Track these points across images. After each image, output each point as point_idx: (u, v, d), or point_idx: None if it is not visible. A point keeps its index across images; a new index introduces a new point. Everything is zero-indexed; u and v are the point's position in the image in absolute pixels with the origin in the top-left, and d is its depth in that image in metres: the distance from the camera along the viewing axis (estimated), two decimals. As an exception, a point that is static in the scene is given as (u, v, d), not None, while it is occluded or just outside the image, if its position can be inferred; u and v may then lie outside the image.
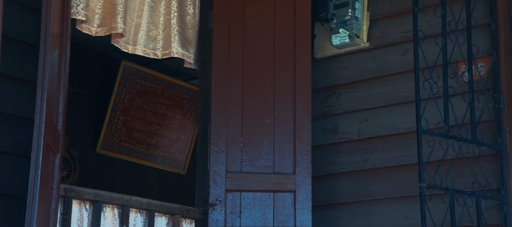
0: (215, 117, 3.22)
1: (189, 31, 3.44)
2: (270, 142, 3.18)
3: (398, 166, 3.07)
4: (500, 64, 2.86)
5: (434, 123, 2.65)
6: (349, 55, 3.34)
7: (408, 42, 3.10)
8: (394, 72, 3.18)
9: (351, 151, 3.24)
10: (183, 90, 5.32)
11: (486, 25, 2.90)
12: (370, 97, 3.23)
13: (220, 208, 3.13)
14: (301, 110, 3.18)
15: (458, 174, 2.70)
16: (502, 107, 2.84)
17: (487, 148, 2.77)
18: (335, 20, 3.27)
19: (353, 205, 3.20)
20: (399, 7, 3.20)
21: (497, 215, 2.76)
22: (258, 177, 3.15)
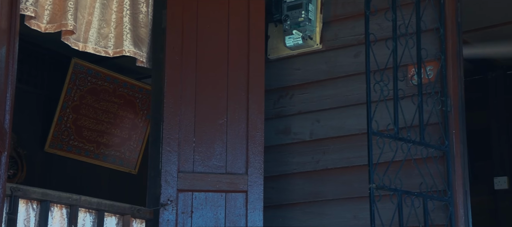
0: (167, 116, 3.19)
1: (142, 29, 3.40)
2: (223, 142, 3.18)
3: (349, 167, 3.11)
4: (448, 68, 2.94)
5: (384, 124, 2.70)
6: (302, 57, 3.36)
7: (360, 45, 3.15)
8: (346, 74, 3.22)
9: (303, 152, 3.26)
10: (135, 89, 5.26)
11: (435, 30, 2.97)
12: (322, 98, 3.27)
13: (172, 208, 3.11)
14: (254, 111, 3.19)
15: (407, 175, 2.75)
16: (449, 110, 2.91)
17: (435, 150, 2.84)
18: (289, 22, 3.29)
19: (304, 205, 3.22)
20: (351, 10, 3.25)
21: (443, 215, 2.83)
22: (210, 177, 3.15)
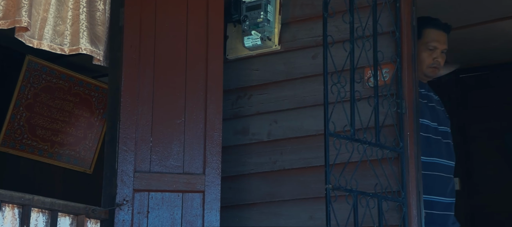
0: (124, 115, 3.16)
1: (99, 27, 3.36)
2: (181, 142, 3.16)
3: (306, 167, 3.14)
4: (403, 71, 2.99)
5: (341, 126, 2.73)
6: (260, 57, 3.38)
7: (317, 46, 3.18)
8: (304, 76, 3.24)
9: (261, 152, 3.27)
10: (91, 88, 5.20)
11: (391, 33, 3.02)
12: (280, 99, 3.28)
13: (127, 208, 3.08)
14: (212, 111, 3.19)
15: (362, 176, 2.79)
16: (404, 112, 2.96)
17: (390, 151, 2.88)
18: (248, 22, 3.30)
19: (261, 205, 3.23)
20: (310, 12, 3.28)
21: (397, 216, 2.87)
22: (167, 177, 3.13)
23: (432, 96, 3.20)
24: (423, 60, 3.13)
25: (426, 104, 3.12)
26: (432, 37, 3.12)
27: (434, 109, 3.17)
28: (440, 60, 3.14)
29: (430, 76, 3.20)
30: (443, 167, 3.08)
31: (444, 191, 3.08)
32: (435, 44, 3.12)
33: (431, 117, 3.11)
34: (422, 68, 3.13)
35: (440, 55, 3.15)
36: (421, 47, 3.14)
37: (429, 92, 3.20)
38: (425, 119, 3.07)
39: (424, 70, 3.14)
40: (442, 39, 3.14)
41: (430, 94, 3.19)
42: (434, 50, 3.12)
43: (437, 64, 3.14)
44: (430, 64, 3.13)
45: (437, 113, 3.17)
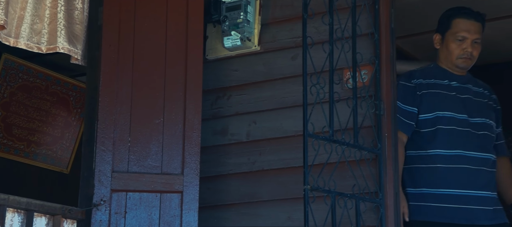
0: (102, 115, 3.14)
1: (77, 26, 3.33)
2: (159, 142, 3.15)
3: (285, 168, 3.14)
4: (382, 73, 3.01)
5: (320, 127, 2.74)
6: (240, 58, 3.37)
7: (297, 47, 3.19)
8: (284, 76, 3.25)
9: (240, 153, 3.27)
10: (69, 87, 5.15)
11: (369, 35, 3.04)
12: (260, 100, 3.29)
13: (105, 208, 3.06)
14: (192, 111, 3.18)
15: (340, 177, 2.80)
16: (382, 114, 2.98)
17: (368, 152, 2.90)
18: (227, 23, 3.30)
19: (240, 206, 3.23)
20: (290, 13, 3.28)
21: (374, 217, 2.89)
22: (145, 177, 3.11)
23: (469, 88, 3.10)
24: (452, 51, 3.05)
25: (454, 97, 3.04)
26: (460, 27, 3.03)
27: (466, 101, 3.05)
28: (471, 50, 3.03)
29: (463, 68, 3.09)
30: (470, 159, 2.98)
31: (472, 184, 2.97)
32: (463, 34, 3.02)
33: (459, 108, 3.02)
34: (452, 59, 3.06)
35: (471, 45, 3.04)
36: (450, 37, 3.05)
37: (465, 84, 3.10)
38: (448, 111, 2.99)
39: (454, 61, 3.06)
40: (473, 28, 3.03)
41: (465, 86, 3.09)
42: (464, 40, 3.03)
43: (468, 55, 3.03)
44: (460, 55, 3.04)
45: (471, 105, 3.06)
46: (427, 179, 2.98)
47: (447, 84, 3.06)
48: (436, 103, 3.02)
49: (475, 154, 2.99)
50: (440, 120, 2.98)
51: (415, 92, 3.07)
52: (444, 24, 3.11)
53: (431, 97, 3.04)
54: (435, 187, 2.96)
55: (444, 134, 2.97)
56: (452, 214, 2.93)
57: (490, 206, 2.99)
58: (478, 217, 2.95)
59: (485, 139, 3.05)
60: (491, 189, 3.02)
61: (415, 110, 3.05)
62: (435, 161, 2.98)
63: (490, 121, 3.10)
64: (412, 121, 3.05)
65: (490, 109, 3.13)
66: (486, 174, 3.01)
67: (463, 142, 2.99)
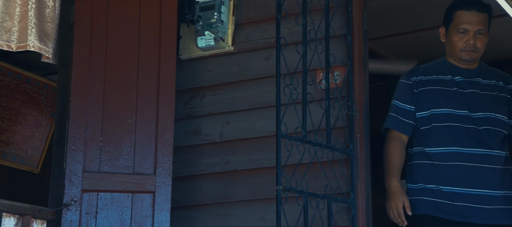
0: (74, 114, 3.10)
1: (48, 24, 3.29)
2: (131, 142, 3.12)
3: (258, 168, 3.14)
4: (354, 74, 3.03)
5: (293, 127, 2.75)
6: (214, 58, 3.37)
7: (271, 48, 3.19)
8: (257, 77, 3.25)
9: (213, 153, 3.26)
10: (39, 86, 5.08)
11: (342, 36, 3.06)
12: (233, 100, 3.28)
13: (75, 209, 3.03)
14: (165, 111, 3.16)
15: (313, 177, 2.82)
16: (354, 115, 3.00)
17: (340, 153, 2.92)
18: (201, 23, 3.29)
19: (212, 206, 3.22)
20: (263, 13, 3.29)
21: (346, 217, 2.91)
22: (117, 177, 3.09)
23: (477, 82, 2.97)
24: (454, 44, 2.95)
25: (455, 92, 2.94)
26: (462, 19, 2.92)
27: (470, 96, 2.94)
28: (473, 42, 2.92)
29: (467, 60, 2.97)
30: (467, 156, 2.87)
31: (469, 181, 2.86)
32: (465, 26, 2.92)
33: (459, 104, 2.92)
34: (455, 52, 2.95)
35: (474, 37, 2.92)
36: (452, 30, 2.95)
37: (474, 78, 2.98)
38: (446, 108, 2.91)
39: (458, 54, 2.95)
40: (474, 20, 2.92)
41: (472, 80, 2.97)
42: (466, 32, 2.92)
43: (471, 47, 2.92)
44: (462, 48, 2.93)
45: (475, 99, 2.94)
46: (425, 175, 2.93)
47: (449, 80, 2.97)
48: (432, 101, 2.94)
49: (474, 150, 2.88)
50: (436, 117, 2.91)
51: (412, 90, 2.98)
52: (447, 17, 2.99)
53: (428, 94, 2.96)
54: (431, 183, 2.91)
55: (438, 131, 2.90)
56: (448, 210, 2.87)
57: (491, 205, 2.86)
58: (474, 215, 2.85)
59: (489, 134, 2.91)
60: (493, 187, 2.87)
61: (412, 109, 2.97)
62: (431, 159, 2.91)
63: (498, 114, 2.94)
64: (410, 119, 2.97)
65: (501, 103, 2.97)
66: (486, 171, 2.87)
67: (460, 138, 2.89)
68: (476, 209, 2.85)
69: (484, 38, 2.96)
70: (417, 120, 2.97)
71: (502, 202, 2.88)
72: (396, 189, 2.91)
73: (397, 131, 2.98)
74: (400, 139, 2.98)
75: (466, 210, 2.85)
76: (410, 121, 2.98)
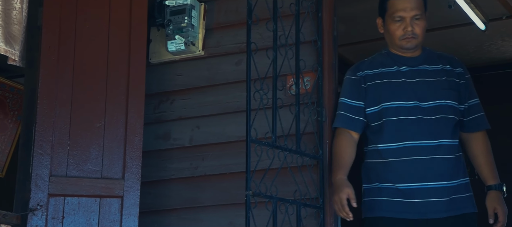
0: (41, 117, 3.06)
1: (15, 26, 3.24)
2: (100, 146, 3.09)
3: (227, 173, 3.14)
4: (324, 80, 3.05)
5: (262, 132, 2.75)
6: (184, 62, 3.36)
7: (241, 53, 3.20)
8: (227, 82, 3.25)
9: (182, 158, 3.25)
10: (5, 89, 5.01)
11: (313, 42, 3.08)
12: (203, 105, 3.28)
13: (41, 213, 2.98)
14: (134, 115, 3.14)
15: (282, 182, 2.82)
16: (324, 120, 3.02)
17: (309, 159, 2.93)
18: (172, 27, 3.28)
19: (181, 211, 3.21)
20: (234, 18, 3.29)
21: (315, 222, 2.92)
22: (85, 181, 3.05)
23: (424, 70, 2.89)
24: (392, 33, 2.88)
25: (403, 83, 2.86)
26: (396, 7, 2.86)
27: (418, 85, 2.86)
28: (411, 28, 2.84)
29: (409, 48, 2.89)
30: (420, 150, 2.79)
31: (424, 176, 2.78)
32: (400, 13, 2.84)
33: (408, 95, 2.84)
34: (395, 42, 2.88)
35: (411, 23, 2.85)
36: (388, 20, 2.88)
37: (419, 66, 2.90)
38: (395, 101, 2.84)
39: (398, 43, 2.88)
40: (409, 5, 2.84)
41: (418, 69, 2.89)
42: (402, 20, 2.85)
43: (410, 34, 2.84)
44: (401, 36, 2.86)
45: (423, 88, 2.85)
46: (379, 174, 2.84)
47: (395, 71, 2.89)
48: (381, 95, 2.86)
49: (426, 142, 2.79)
50: (386, 112, 2.83)
51: (360, 85, 2.91)
52: (382, 6, 2.92)
53: (376, 89, 2.89)
54: (387, 182, 2.82)
55: (390, 126, 2.82)
56: (405, 208, 2.78)
57: (447, 197, 2.79)
58: (430, 210, 2.77)
59: (440, 123, 2.82)
60: (448, 177, 2.80)
61: (361, 104, 2.90)
62: (385, 156, 2.82)
63: (449, 101, 2.86)
64: (360, 116, 2.90)
65: (449, 88, 2.88)
66: (441, 162, 2.80)
67: (412, 131, 2.81)
68: (435, 203, 2.77)
69: (422, 23, 2.87)
70: (367, 116, 2.89)
71: (460, 191, 2.82)
72: (341, 182, 2.78)
73: (346, 128, 2.90)
74: (348, 135, 2.90)
75: (425, 206, 2.77)
76: (359, 117, 2.90)
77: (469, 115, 2.92)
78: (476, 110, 2.94)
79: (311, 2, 3.06)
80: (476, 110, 2.94)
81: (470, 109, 2.93)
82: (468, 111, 2.92)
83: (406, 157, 2.80)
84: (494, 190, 2.87)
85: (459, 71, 2.94)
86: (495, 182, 2.89)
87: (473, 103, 2.94)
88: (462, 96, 2.91)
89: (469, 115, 2.92)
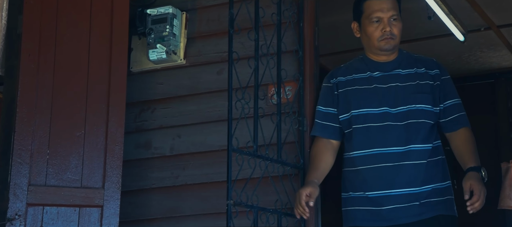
0: (20, 126, 3.03)
1: (-5, 33, 3.22)
2: (80, 155, 3.07)
3: (208, 183, 3.13)
4: (305, 89, 3.06)
5: (244, 142, 2.75)
6: (165, 71, 3.35)
7: (223, 62, 3.20)
8: (209, 91, 3.25)
9: (163, 167, 3.23)
10: (-16, 96, 4.93)
11: (294, 52, 3.09)
12: (185, 114, 3.27)
13: (19, 223, 2.95)
14: (114, 124, 3.12)
15: (263, 192, 2.82)
16: (305, 130, 3.03)
17: (291, 168, 2.94)
18: (153, 35, 3.27)
19: (162, 221, 3.19)
20: (216, 27, 3.29)
21: (296, 231, 2.93)
22: (64, 191, 3.02)
23: (397, 74, 2.85)
24: (370, 35, 2.84)
25: (374, 89, 2.84)
26: (372, 9, 2.83)
27: (390, 91, 2.82)
28: (390, 29, 2.82)
29: (387, 49, 2.85)
30: (388, 156, 2.76)
31: (392, 183, 2.74)
32: (377, 14, 2.81)
33: (378, 102, 2.81)
34: (374, 44, 2.84)
35: (389, 24, 2.82)
36: (366, 22, 2.85)
37: (392, 70, 2.87)
38: (364, 108, 2.81)
39: (376, 45, 2.84)
40: (385, 6, 2.82)
41: (391, 74, 2.86)
42: (380, 21, 2.82)
43: (388, 34, 2.81)
44: (380, 37, 2.82)
45: (395, 93, 2.82)
46: (352, 183, 2.82)
47: (367, 77, 2.86)
48: (352, 102, 2.84)
49: (395, 149, 2.75)
50: (356, 119, 2.81)
51: (333, 92, 2.89)
52: (357, 10, 2.89)
53: (347, 95, 2.86)
54: (359, 190, 2.80)
55: (359, 133, 2.79)
56: (374, 217, 2.76)
57: (417, 202, 2.74)
58: (400, 216, 2.73)
59: (410, 128, 2.77)
60: (418, 183, 2.75)
61: (334, 111, 2.88)
62: (356, 164, 2.79)
63: (420, 105, 2.80)
64: (333, 122, 2.88)
65: (422, 91, 2.83)
66: (410, 169, 2.75)
67: (381, 138, 2.77)
68: (405, 209, 2.73)
69: (399, 24, 2.85)
70: (341, 123, 2.87)
71: (434, 195, 2.76)
72: (307, 182, 2.77)
73: (321, 136, 2.89)
74: (325, 142, 2.88)
75: (395, 212, 2.73)
76: (334, 124, 2.87)
77: (446, 116, 2.85)
78: (454, 111, 2.86)
79: (293, 12, 3.07)
80: (454, 111, 2.86)
81: (446, 110, 2.86)
82: (444, 113, 2.85)
83: (374, 164, 2.76)
84: (471, 171, 2.74)
85: (435, 73, 2.88)
86: (474, 164, 2.77)
87: (449, 104, 2.87)
88: (436, 99, 2.86)
89: (445, 116, 2.85)
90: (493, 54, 5.47)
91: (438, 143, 2.86)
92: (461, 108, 2.88)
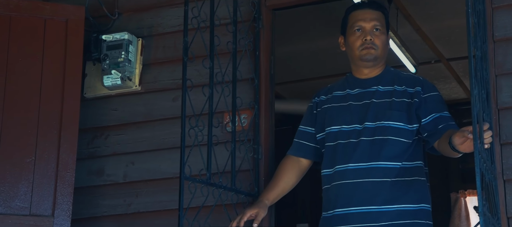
0: (-33, 151, 2.96)
1: None
2: (29, 182, 3.00)
3: (161, 210, 3.10)
4: (261, 117, 3.07)
5: (197, 169, 2.73)
6: (120, 97, 3.32)
7: (178, 89, 3.18)
8: (164, 118, 3.23)
9: (116, 194, 3.19)
10: None
11: (250, 80, 3.10)
12: (139, 140, 3.24)
13: (-34, 253, 2.85)
14: (66, 150, 3.07)
15: (217, 220, 2.80)
16: (260, 157, 3.03)
17: (245, 196, 2.93)
18: (108, 61, 3.25)
19: (114, 249, 3.14)
20: (171, 54, 3.29)
21: (251, 260, 2.91)
22: (12, 219, 2.94)
23: (375, 91, 2.78)
24: (352, 45, 2.78)
25: (347, 107, 2.78)
26: (355, 19, 2.80)
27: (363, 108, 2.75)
28: (371, 37, 2.75)
29: (369, 59, 2.77)
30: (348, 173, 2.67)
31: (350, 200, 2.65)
32: (359, 23, 2.77)
33: (350, 119, 2.75)
34: (355, 53, 2.78)
35: (370, 33, 2.76)
36: (349, 32, 2.81)
37: (371, 87, 2.79)
38: (337, 126, 2.75)
39: (358, 54, 2.77)
40: (369, 16, 2.79)
41: (368, 91, 2.79)
42: (362, 30, 2.77)
43: (369, 43, 2.75)
44: (360, 46, 2.76)
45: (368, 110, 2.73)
46: (324, 202, 2.76)
47: (345, 95, 2.81)
48: (326, 120, 2.80)
49: (357, 165, 2.67)
50: (328, 137, 2.76)
51: (312, 111, 2.86)
52: (343, 24, 2.87)
53: (323, 114, 2.82)
54: (326, 209, 2.74)
55: (329, 151, 2.75)
56: None
57: (376, 222, 2.62)
58: None
59: (376, 145, 2.68)
60: (382, 202, 2.63)
61: (311, 130, 2.84)
62: (324, 182, 2.75)
63: (392, 122, 2.70)
64: (308, 141, 2.84)
65: (397, 109, 2.73)
66: (372, 186, 2.64)
67: (345, 155, 2.70)
68: None
69: (382, 35, 2.79)
70: (318, 142, 2.83)
71: (404, 217, 2.62)
72: (256, 201, 2.78)
73: (292, 154, 2.85)
74: (293, 160, 2.85)
75: None
76: (307, 143, 2.83)
77: (430, 128, 2.69)
78: (441, 121, 2.69)
79: (249, 41, 3.09)
80: (441, 121, 2.69)
81: (431, 123, 2.70)
82: (428, 125, 2.70)
83: (337, 181, 2.70)
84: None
85: (414, 91, 2.76)
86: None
87: (436, 116, 2.71)
88: (413, 116, 2.72)
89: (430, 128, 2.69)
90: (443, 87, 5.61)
91: (416, 164, 2.72)
92: (450, 120, 2.70)
